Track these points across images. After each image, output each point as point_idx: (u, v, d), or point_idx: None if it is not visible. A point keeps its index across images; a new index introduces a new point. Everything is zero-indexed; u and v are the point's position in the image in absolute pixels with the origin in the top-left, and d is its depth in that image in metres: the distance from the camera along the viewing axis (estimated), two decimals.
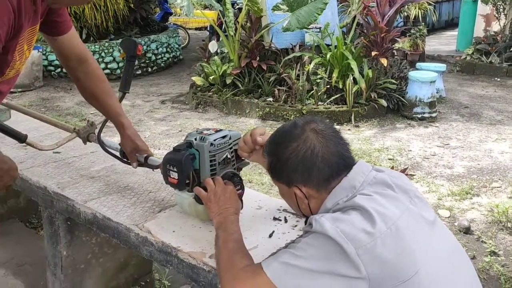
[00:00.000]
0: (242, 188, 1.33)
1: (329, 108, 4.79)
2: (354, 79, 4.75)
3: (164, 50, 7.79)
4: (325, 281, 0.90)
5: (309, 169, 1.00)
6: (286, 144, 1.03)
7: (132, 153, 1.53)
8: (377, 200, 0.95)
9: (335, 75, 4.83)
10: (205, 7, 10.97)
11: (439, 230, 1.01)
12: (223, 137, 1.28)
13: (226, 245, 1.08)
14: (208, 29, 9.26)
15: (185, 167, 1.24)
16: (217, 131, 1.29)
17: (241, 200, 1.35)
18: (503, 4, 7.33)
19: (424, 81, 4.87)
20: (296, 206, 1.08)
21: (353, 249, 0.87)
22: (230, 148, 1.30)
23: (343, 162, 1.02)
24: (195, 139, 1.27)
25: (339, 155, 1.01)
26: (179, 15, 12.66)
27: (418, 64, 5.85)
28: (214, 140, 1.25)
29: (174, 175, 1.25)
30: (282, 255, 0.95)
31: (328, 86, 4.91)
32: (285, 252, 0.96)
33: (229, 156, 1.30)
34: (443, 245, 0.99)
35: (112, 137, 1.66)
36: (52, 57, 6.67)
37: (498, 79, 6.84)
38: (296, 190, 1.03)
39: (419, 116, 4.89)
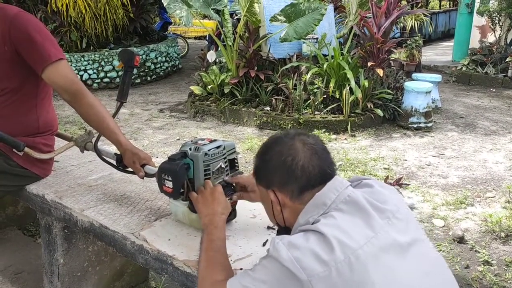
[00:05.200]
0: None
1: (325, 117, 4.83)
2: (350, 89, 4.79)
3: (163, 59, 7.85)
4: None
5: (287, 175, 1.02)
6: (273, 147, 1.07)
7: (135, 164, 1.55)
8: (341, 226, 0.93)
9: (331, 85, 4.88)
10: (204, 17, 11.07)
11: (414, 253, 0.96)
12: (218, 147, 1.31)
13: (207, 253, 1.12)
14: (207, 38, 9.33)
15: (180, 176, 1.27)
16: (211, 141, 1.33)
17: (235, 209, 1.39)
18: (498, 15, 7.43)
19: (420, 91, 4.92)
20: (270, 212, 1.10)
21: (306, 277, 0.87)
22: (224, 158, 1.33)
23: (322, 177, 1.02)
24: (190, 149, 1.30)
25: (320, 169, 1.02)
26: (178, 25, 12.76)
27: (414, 75, 5.91)
28: (209, 150, 1.28)
29: (169, 184, 1.28)
30: (244, 277, 0.98)
31: (325, 96, 4.96)
32: (246, 274, 0.98)
33: (223, 166, 1.33)
34: (415, 272, 0.94)
35: (111, 145, 1.69)
36: None
37: (494, 90, 6.91)
38: (271, 193, 1.05)
39: (415, 126, 4.93)
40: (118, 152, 1.62)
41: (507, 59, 7.07)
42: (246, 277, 0.97)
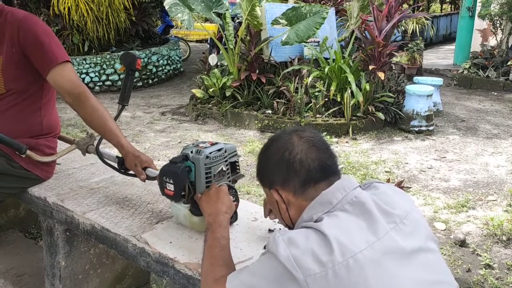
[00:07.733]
0: (237, 200, 1.36)
1: (327, 120, 4.83)
2: (351, 92, 4.80)
3: (165, 62, 7.87)
4: None
5: (287, 170, 1.00)
6: (271, 145, 1.06)
7: (136, 167, 1.56)
8: (344, 227, 0.91)
9: (333, 88, 4.89)
10: (206, 20, 11.10)
11: (419, 261, 0.93)
12: (219, 150, 1.32)
13: (211, 251, 1.12)
14: (209, 41, 9.36)
15: (181, 179, 1.27)
16: (213, 144, 1.33)
17: (236, 212, 1.39)
18: (499, 19, 7.44)
19: (421, 94, 4.93)
20: (278, 212, 1.08)
21: (302, 277, 0.86)
22: (226, 161, 1.34)
23: (323, 170, 1.00)
24: (191, 152, 1.30)
25: (319, 162, 1.00)
26: (180, 28, 12.80)
27: (416, 78, 5.91)
28: (210, 153, 1.29)
29: (170, 187, 1.29)
30: (242, 272, 0.99)
31: (326, 99, 4.97)
32: (245, 269, 0.99)
33: (224, 169, 1.33)
34: (417, 280, 0.91)
35: (113, 148, 1.69)
36: None
37: (495, 93, 6.91)
38: (275, 193, 1.04)
39: (416, 129, 4.93)
40: (120, 155, 1.62)
41: (509, 63, 7.07)
42: (246, 272, 0.97)
